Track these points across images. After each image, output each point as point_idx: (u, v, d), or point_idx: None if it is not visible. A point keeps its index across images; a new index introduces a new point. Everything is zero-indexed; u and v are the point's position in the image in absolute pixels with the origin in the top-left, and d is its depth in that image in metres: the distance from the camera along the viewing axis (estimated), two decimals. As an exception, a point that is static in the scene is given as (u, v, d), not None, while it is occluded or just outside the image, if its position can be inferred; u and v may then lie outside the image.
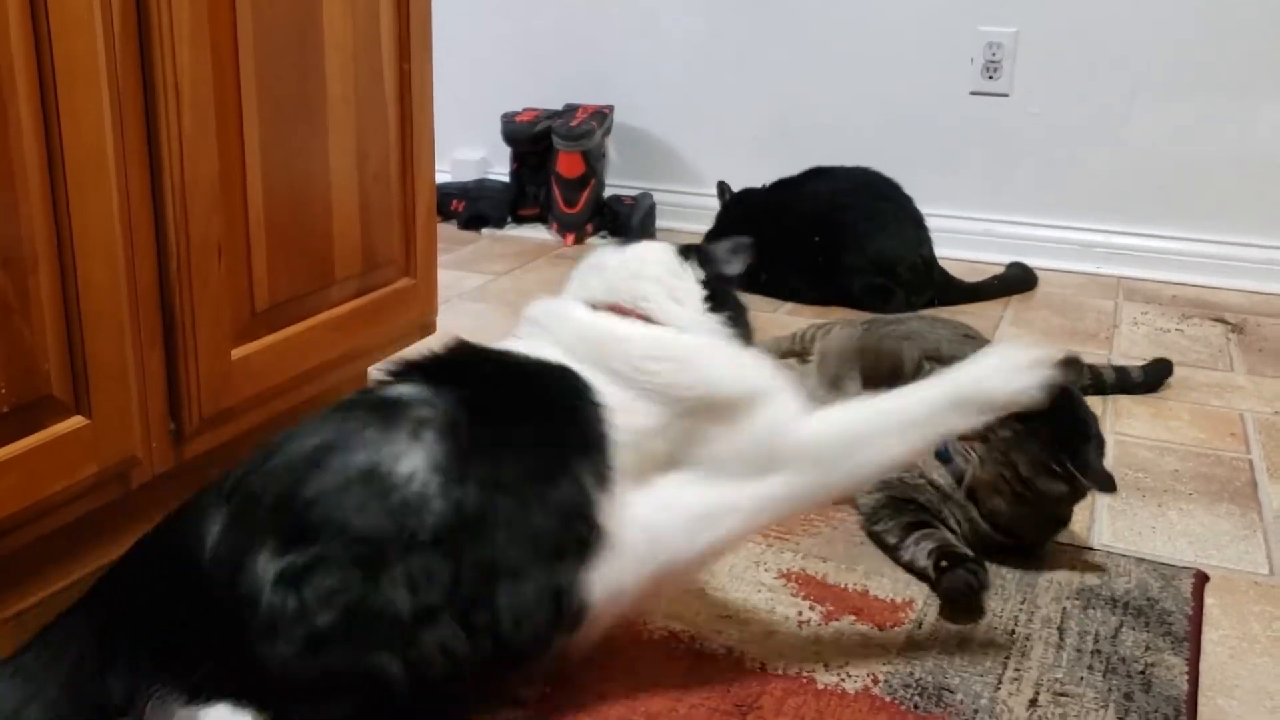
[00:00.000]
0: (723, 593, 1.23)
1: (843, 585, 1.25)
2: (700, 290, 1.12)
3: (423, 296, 1.58)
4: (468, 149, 3.12)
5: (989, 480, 1.27)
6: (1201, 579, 1.29)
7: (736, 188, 2.57)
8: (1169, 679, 1.10)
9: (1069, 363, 1.04)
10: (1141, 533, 1.41)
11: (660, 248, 1.16)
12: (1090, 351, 2.08)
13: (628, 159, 3.01)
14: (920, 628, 1.17)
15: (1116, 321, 2.28)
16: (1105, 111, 2.58)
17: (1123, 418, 1.76)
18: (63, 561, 1.14)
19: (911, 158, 2.62)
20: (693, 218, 2.80)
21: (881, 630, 1.16)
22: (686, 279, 1.12)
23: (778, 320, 2.25)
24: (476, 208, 2.91)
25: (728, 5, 2.83)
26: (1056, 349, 1.04)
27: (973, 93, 2.67)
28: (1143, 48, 2.52)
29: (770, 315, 2.28)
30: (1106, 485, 1.26)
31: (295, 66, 1.28)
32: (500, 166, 3.05)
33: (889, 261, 2.31)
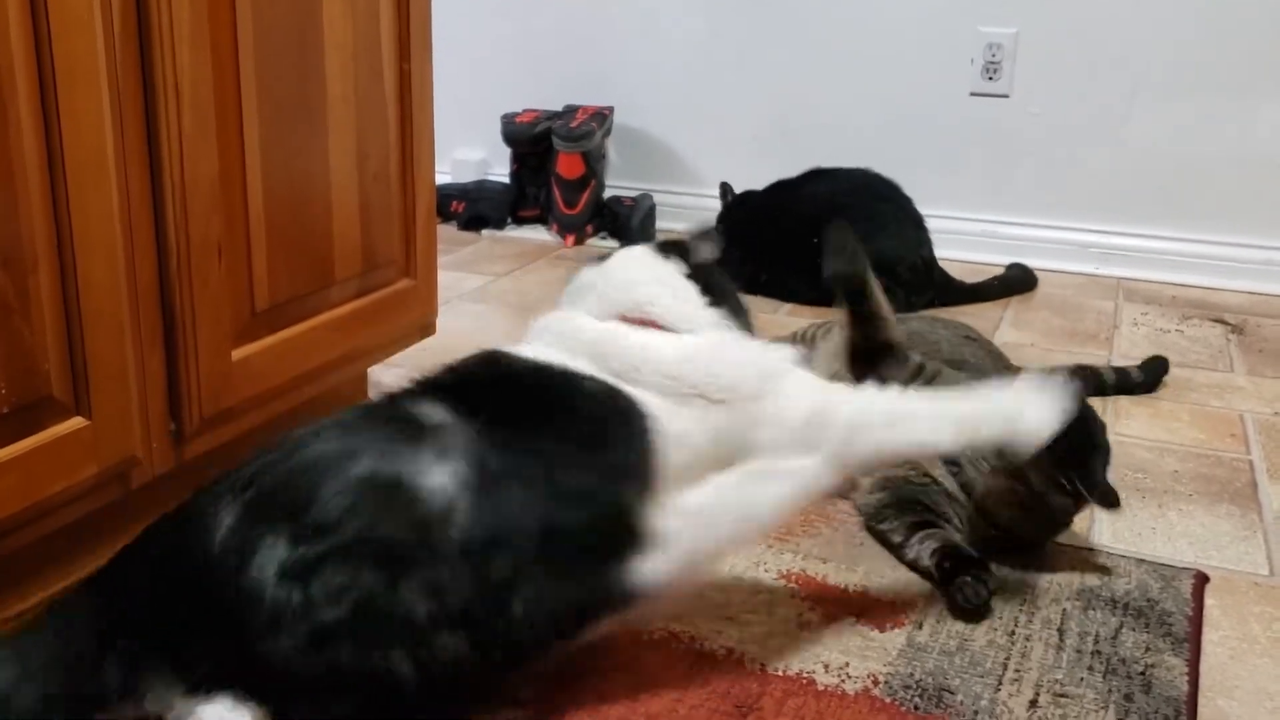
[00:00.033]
0: (723, 593, 1.22)
1: (843, 586, 1.25)
2: (692, 284, 1.14)
3: (423, 297, 1.58)
4: (468, 149, 3.12)
5: (1000, 492, 1.27)
6: (1201, 580, 1.29)
7: (737, 189, 2.57)
8: (1169, 680, 1.10)
9: (1079, 371, 1.06)
10: (1141, 533, 1.40)
11: (640, 250, 1.18)
12: (1090, 353, 2.08)
13: (628, 160, 3.00)
14: (920, 629, 1.17)
15: (1116, 322, 2.28)
16: (1105, 111, 2.58)
17: (1122, 418, 1.76)
18: (63, 562, 1.14)
19: (911, 158, 2.62)
20: (693, 218, 2.78)
21: (881, 631, 1.16)
22: (677, 276, 1.14)
23: (778, 320, 2.25)
24: (476, 209, 2.91)
25: (728, 5, 2.83)
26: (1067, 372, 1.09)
27: (973, 93, 2.67)
28: (1143, 48, 2.52)
29: (770, 315, 2.27)
30: (1110, 503, 1.26)
31: (295, 66, 1.28)
32: (500, 167, 3.05)
33: (889, 262, 2.30)
